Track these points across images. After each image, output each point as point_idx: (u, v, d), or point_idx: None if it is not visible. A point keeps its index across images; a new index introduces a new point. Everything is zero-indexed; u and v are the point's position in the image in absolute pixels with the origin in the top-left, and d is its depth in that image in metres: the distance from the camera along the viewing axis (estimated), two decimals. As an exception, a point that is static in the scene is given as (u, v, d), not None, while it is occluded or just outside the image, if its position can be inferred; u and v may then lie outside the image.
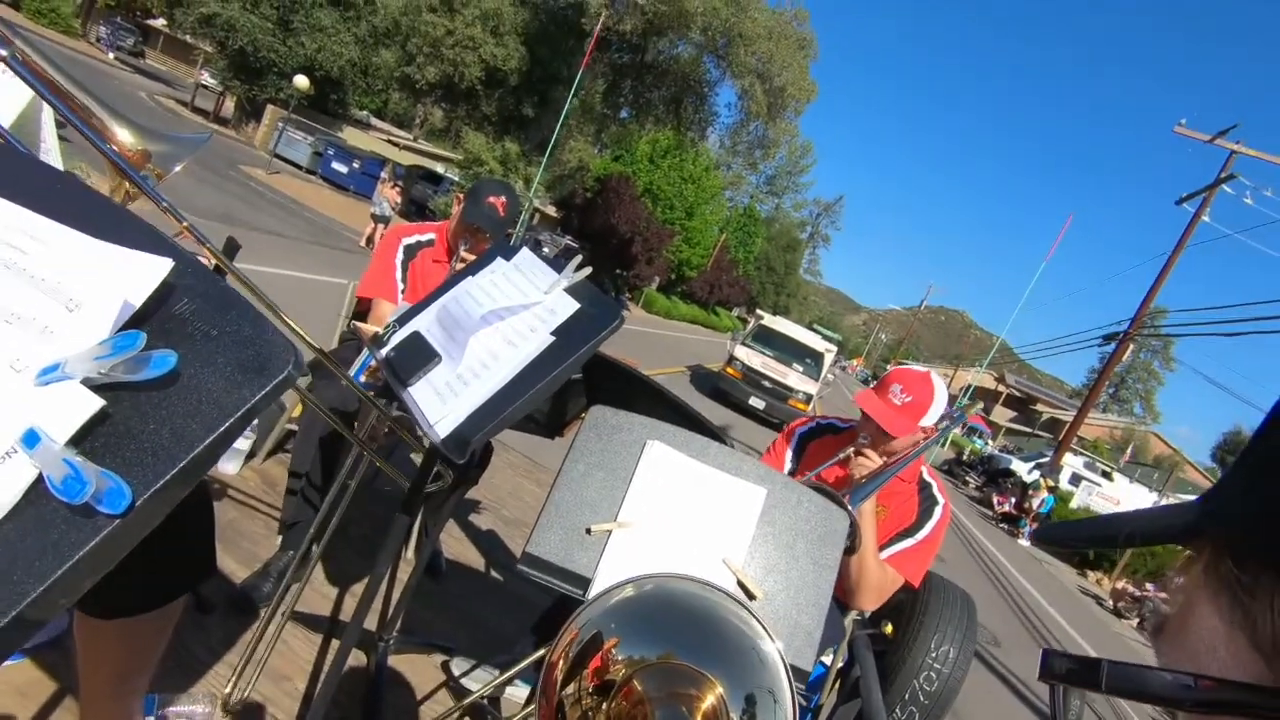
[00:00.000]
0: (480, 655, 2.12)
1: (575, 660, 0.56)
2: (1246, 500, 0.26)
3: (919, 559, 1.90)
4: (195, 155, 1.49)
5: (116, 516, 0.45)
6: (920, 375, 1.91)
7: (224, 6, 17.77)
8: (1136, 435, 44.54)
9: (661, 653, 0.58)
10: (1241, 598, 0.25)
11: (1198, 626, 0.27)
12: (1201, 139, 15.07)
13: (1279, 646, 0.23)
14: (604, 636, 0.58)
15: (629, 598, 0.61)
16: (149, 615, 1.07)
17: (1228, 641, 0.25)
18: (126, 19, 34.82)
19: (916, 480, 1.99)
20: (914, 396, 1.84)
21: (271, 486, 2.62)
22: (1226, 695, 0.24)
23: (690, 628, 0.61)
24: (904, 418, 1.82)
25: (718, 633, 0.61)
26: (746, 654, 0.60)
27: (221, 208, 9.67)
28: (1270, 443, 0.26)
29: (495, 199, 2.30)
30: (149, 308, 0.53)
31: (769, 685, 0.60)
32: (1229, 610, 0.25)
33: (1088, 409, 17.82)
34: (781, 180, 58.88)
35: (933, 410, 1.85)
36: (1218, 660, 0.25)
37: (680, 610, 0.62)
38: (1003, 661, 6.01)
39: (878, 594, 1.84)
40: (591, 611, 0.59)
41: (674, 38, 18.07)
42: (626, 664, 0.56)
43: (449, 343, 1.26)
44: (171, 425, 0.48)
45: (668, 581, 0.64)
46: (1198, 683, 0.25)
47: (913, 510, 1.95)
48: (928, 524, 1.92)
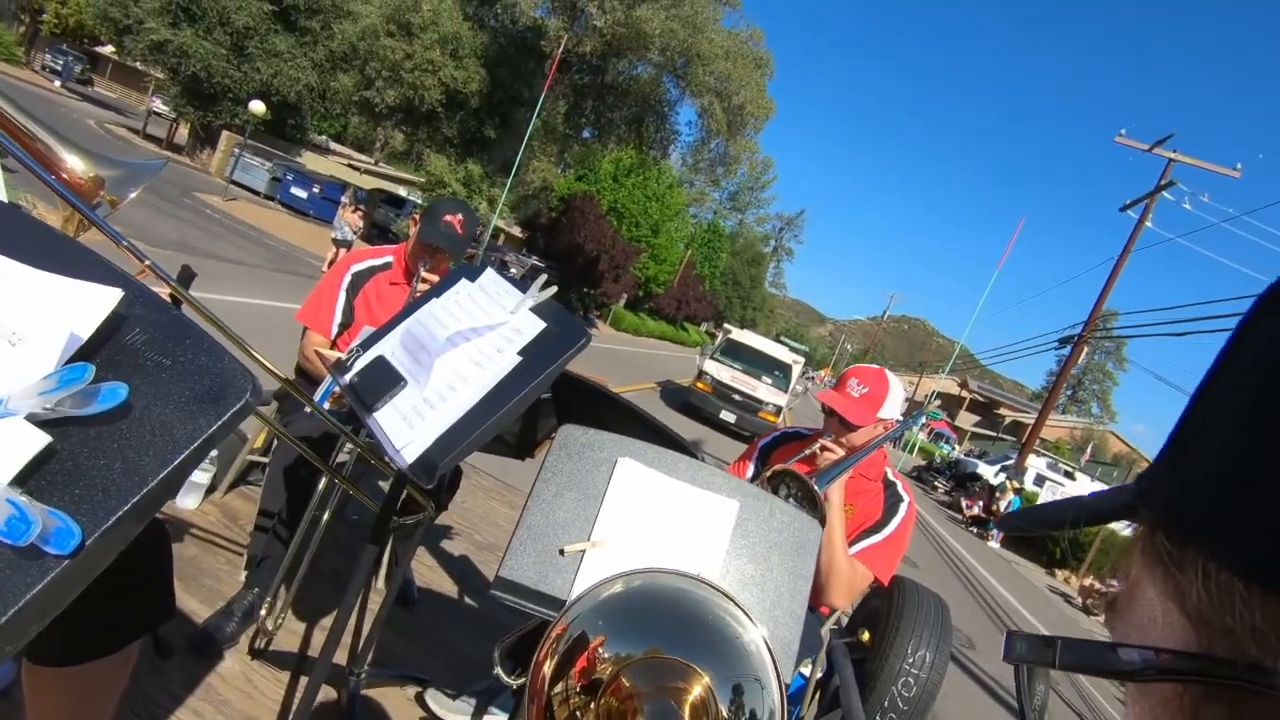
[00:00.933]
0: (456, 685, 2.07)
1: (562, 659, 0.56)
2: (1170, 480, 0.28)
3: (887, 555, 1.95)
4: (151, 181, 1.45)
5: (65, 557, 0.43)
6: (875, 370, 2.02)
7: (175, 33, 17.45)
8: (1095, 435, 45.88)
9: (648, 648, 0.58)
10: (1172, 571, 0.26)
11: (1141, 600, 0.28)
12: (1141, 148, 15.74)
13: (1203, 615, 0.24)
14: (590, 635, 0.58)
15: (616, 594, 0.61)
16: (102, 661, 1.03)
17: (1163, 613, 0.27)
18: (73, 46, 34.00)
19: (881, 479, 2.05)
20: (870, 388, 1.94)
21: (233, 521, 2.54)
22: (1163, 663, 0.25)
23: (675, 621, 0.61)
24: (863, 408, 1.92)
25: (702, 625, 0.61)
26: (731, 644, 0.61)
27: (177, 236, 9.44)
28: (1188, 426, 0.28)
29: (452, 217, 2.29)
30: (98, 339, 0.51)
31: (755, 673, 0.60)
32: (1163, 583, 0.27)
33: (1048, 411, 18.31)
34: (744, 196, 59.75)
35: (889, 402, 1.95)
36: (1157, 630, 0.27)
37: (664, 605, 0.62)
38: (977, 663, 6.08)
39: (847, 590, 1.88)
40: (579, 609, 0.59)
41: (633, 59, 18.29)
42: (613, 661, 0.56)
43: (414, 366, 1.25)
44: (123, 460, 0.47)
45: (651, 577, 0.64)
46: (1139, 654, 0.26)
47: (878, 508, 2.01)
48: (894, 520, 1.98)
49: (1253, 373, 0.25)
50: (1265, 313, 0.26)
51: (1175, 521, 0.27)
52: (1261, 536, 0.23)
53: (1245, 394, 0.25)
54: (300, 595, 2.27)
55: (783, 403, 12.86)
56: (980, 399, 52.16)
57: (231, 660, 1.88)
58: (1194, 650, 0.25)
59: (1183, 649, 0.25)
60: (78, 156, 1.32)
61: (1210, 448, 0.26)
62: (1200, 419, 0.27)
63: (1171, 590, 0.26)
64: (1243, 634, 0.23)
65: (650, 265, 34.06)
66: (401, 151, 22.52)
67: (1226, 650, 0.24)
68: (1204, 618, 0.25)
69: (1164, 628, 0.26)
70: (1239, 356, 0.26)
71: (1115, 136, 16.05)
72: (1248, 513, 0.23)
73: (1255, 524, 0.23)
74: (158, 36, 17.37)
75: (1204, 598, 0.24)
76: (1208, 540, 0.25)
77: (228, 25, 17.83)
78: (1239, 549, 0.23)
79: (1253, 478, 0.24)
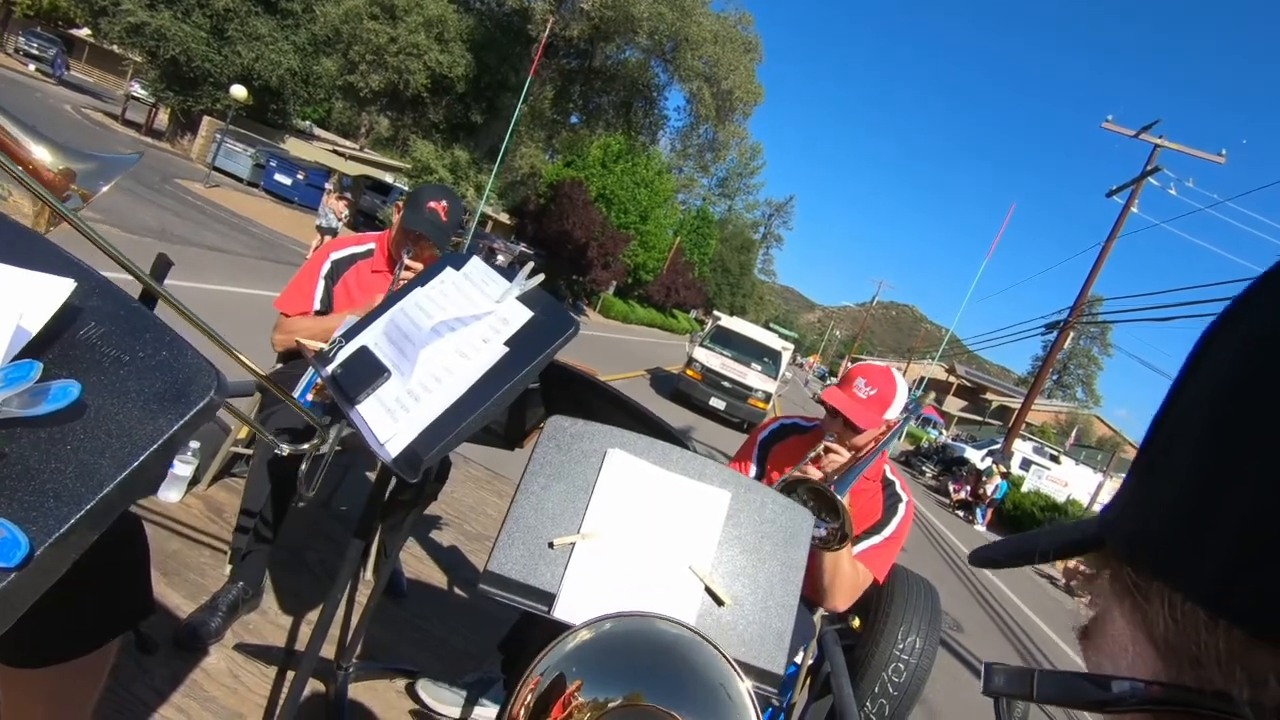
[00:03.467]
0: (448, 677, 2.05)
1: (537, 707, 0.53)
2: (1134, 511, 0.28)
3: (885, 556, 1.92)
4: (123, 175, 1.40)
5: (11, 570, 0.40)
6: (882, 369, 1.96)
7: (153, 15, 17.05)
8: (1080, 419, 46.43)
9: (628, 693, 0.55)
10: (1140, 601, 0.26)
11: (1111, 629, 0.29)
12: (1127, 134, 15.81)
13: (1170, 644, 0.25)
14: (566, 680, 0.55)
15: (588, 640, 0.58)
16: (78, 661, 1.00)
17: (1133, 641, 0.27)
18: (47, 29, 33.18)
19: (880, 478, 2.01)
20: (878, 390, 1.89)
21: (217, 514, 2.50)
22: (1136, 693, 0.26)
23: (656, 666, 0.59)
24: (870, 411, 1.86)
25: (685, 671, 0.59)
26: (715, 692, 0.58)
27: (157, 223, 9.28)
28: (1148, 455, 0.28)
29: (436, 203, 2.24)
30: (48, 333, 0.48)
31: None
32: (1131, 613, 0.27)
33: (1034, 395, 18.48)
34: (733, 182, 59.60)
35: (896, 403, 1.90)
36: (1127, 660, 0.27)
37: (645, 648, 0.60)
38: (966, 646, 6.16)
39: (850, 593, 1.86)
40: (551, 657, 0.56)
41: (621, 42, 18.09)
42: (591, 707, 0.54)
43: (398, 357, 1.22)
44: (77, 463, 0.44)
45: (632, 620, 0.62)
46: (1113, 685, 0.26)
47: (878, 508, 1.97)
48: (893, 520, 1.95)
49: (1204, 403, 0.25)
50: (1211, 344, 0.26)
51: (1139, 552, 0.27)
52: (1220, 566, 0.23)
53: (1198, 425, 0.25)
54: (286, 588, 2.24)
55: (772, 389, 12.89)
56: (967, 384, 52.60)
57: (217, 656, 1.85)
58: (1163, 679, 0.25)
59: (1152, 679, 0.26)
60: (46, 148, 1.27)
61: (1168, 478, 0.26)
62: (1159, 449, 0.28)
63: (1139, 620, 0.27)
64: (1208, 662, 0.23)
65: (639, 252, 33.94)
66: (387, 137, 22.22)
67: (1194, 679, 0.24)
68: (1171, 646, 0.25)
69: (1134, 657, 0.27)
70: (1191, 388, 0.27)
71: (1102, 122, 16.11)
72: (1205, 543, 0.24)
73: (1213, 554, 0.23)
74: (134, 18, 16.97)
75: (1170, 627, 0.25)
76: (1170, 571, 0.25)
77: (207, 7, 17.46)
78: (1199, 579, 0.24)
79: (1208, 507, 0.24)
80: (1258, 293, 0.25)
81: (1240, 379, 0.24)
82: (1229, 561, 0.23)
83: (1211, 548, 0.23)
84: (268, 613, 2.12)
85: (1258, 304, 0.25)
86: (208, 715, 1.66)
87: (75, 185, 1.31)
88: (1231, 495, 0.23)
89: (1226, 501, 0.23)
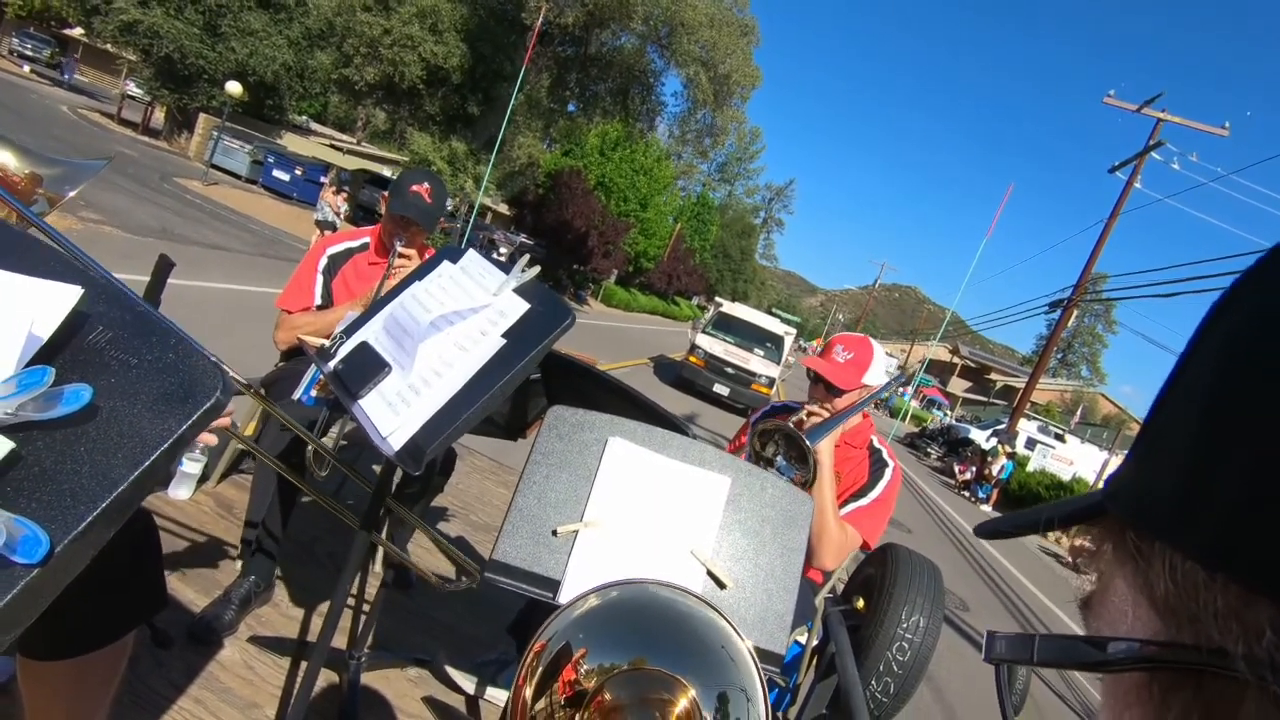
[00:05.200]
0: (458, 664, 2.09)
1: (544, 675, 0.55)
2: (1137, 479, 0.29)
3: (874, 518, 2.01)
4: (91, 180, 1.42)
5: (34, 566, 0.42)
6: (859, 337, 2.08)
7: (145, 13, 16.96)
8: (1085, 397, 46.34)
9: (632, 659, 0.57)
10: (1141, 565, 0.27)
11: (1113, 595, 0.30)
12: (1129, 109, 15.65)
13: (1170, 605, 0.26)
14: (573, 647, 0.57)
15: (594, 607, 0.60)
16: (96, 654, 1.03)
17: (1134, 605, 0.28)
18: (40, 29, 33.04)
19: (867, 446, 2.12)
20: (855, 354, 2.01)
21: (227, 510, 2.54)
22: (1133, 653, 0.27)
23: (659, 632, 0.61)
24: (848, 372, 1.98)
25: (687, 635, 0.61)
26: (717, 653, 0.60)
27: (158, 223, 9.29)
28: (1153, 425, 0.29)
29: (419, 187, 2.27)
30: (59, 339, 0.50)
31: (741, 684, 0.60)
32: (1133, 577, 0.28)
33: (1038, 375, 18.44)
34: (732, 167, 59.28)
35: (873, 367, 2.01)
36: (1128, 624, 0.28)
37: (648, 615, 0.62)
38: (971, 625, 6.20)
39: (837, 552, 1.94)
40: (558, 624, 0.58)
41: (616, 29, 17.93)
42: (597, 673, 0.56)
43: (398, 352, 1.23)
44: (91, 463, 0.45)
45: (633, 587, 0.63)
46: (1110, 646, 0.27)
47: (864, 473, 2.08)
48: (879, 483, 2.05)
49: (1208, 369, 0.26)
50: (1224, 311, 0.27)
51: (1141, 517, 0.28)
52: (1219, 524, 0.24)
53: (1203, 388, 0.26)
54: (297, 580, 2.28)
55: (775, 374, 12.91)
56: (971, 364, 52.49)
57: (231, 648, 1.88)
58: (1162, 639, 0.26)
59: (1151, 638, 0.26)
60: (12, 153, 1.29)
61: (1171, 444, 0.27)
62: (1164, 418, 0.29)
63: (1141, 584, 0.27)
64: (1206, 620, 0.24)
65: (640, 240, 33.83)
66: (384, 130, 22.14)
67: (1192, 637, 0.25)
68: (1171, 607, 0.26)
69: (1134, 620, 0.28)
70: (1198, 356, 0.27)
71: (1104, 97, 15.95)
72: (1205, 502, 0.24)
73: (1212, 513, 0.24)
74: (127, 17, 16.89)
75: (1170, 588, 0.25)
76: (1171, 532, 0.26)
77: (199, 3, 17.37)
78: (1199, 538, 0.24)
79: (1209, 469, 0.25)
80: (1270, 263, 0.26)
81: (1247, 345, 0.25)
82: (1228, 517, 0.23)
83: (1211, 505, 0.24)
84: (279, 605, 2.16)
85: (1269, 274, 0.26)
86: (224, 706, 1.69)
87: (42, 189, 1.33)
88: (1232, 453, 0.24)
89: (1227, 459, 0.24)
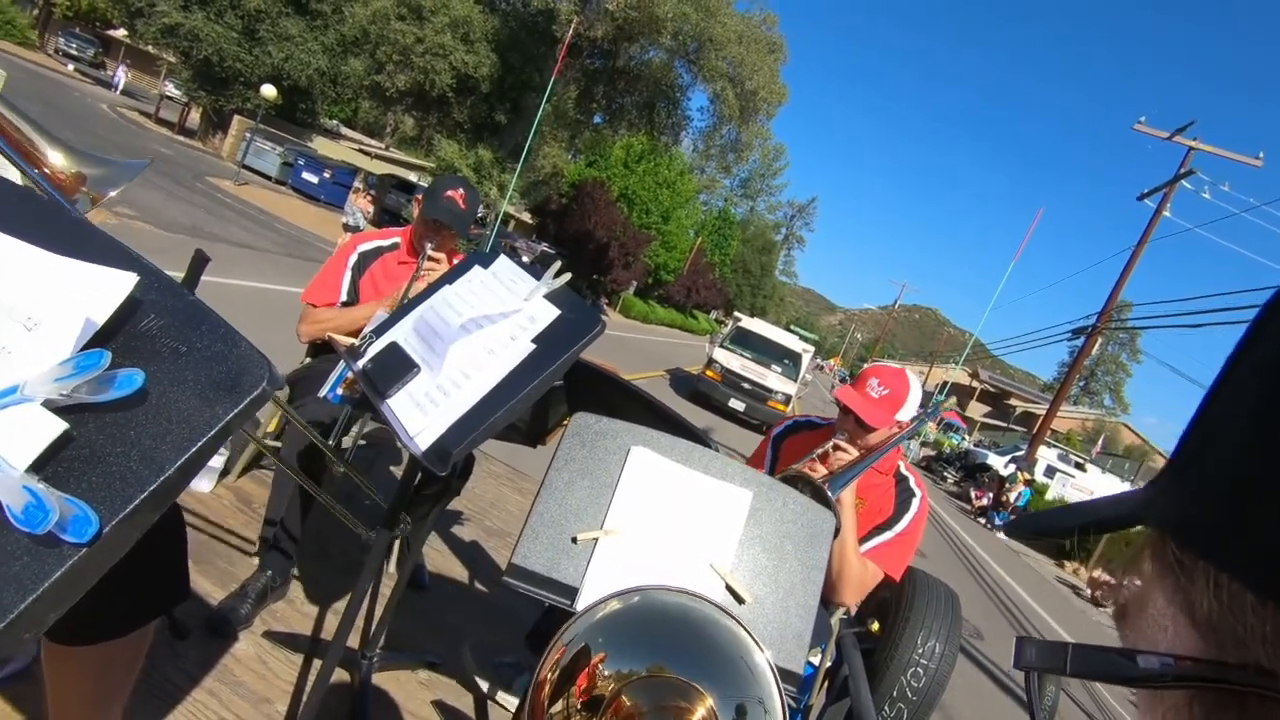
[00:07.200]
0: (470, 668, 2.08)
1: (563, 677, 0.55)
2: (1179, 490, 0.28)
3: (899, 552, 1.92)
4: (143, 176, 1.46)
5: (83, 545, 0.43)
6: (896, 370, 1.96)
7: (187, 16, 17.42)
8: (1107, 426, 45.48)
9: (651, 665, 0.57)
10: (1183, 580, 0.26)
11: (1151, 608, 0.29)
12: (1160, 136, 15.47)
13: (1213, 624, 0.25)
14: (592, 651, 0.57)
15: (616, 611, 0.59)
16: (119, 641, 1.04)
17: (1173, 621, 0.27)
18: (85, 30, 34.03)
19: (893, 473, 2.01)
20: (891, 390, 1.89)
21: (246, 504, 2.56)
22: (1176, 670, 0.26)
23: (679, 640, 0.60)
24: (882, 410, 1.87)
25: (707, 644, 0.60)
26: (736, 664, 0.60)
27: (189, 220, 9.48)
28: (1196, 435, 0.28)
29: (453, 192, 2.30)
30: (113, 325, 0.51)
31: (759, 695, 0.59)
32: (1173, 592, 0.27)
33: (1060, 402, 18.16)
34: (755, 183, 59.34)
35: (909, 404, 1.90)
36: (1166, 639, 0.27)
37: (669, 622, 0.61)
38: (985, 654, 6.08)
39: (858, 588, 1.86)
40: (578, 627, 0.58)
41: (645, 43, 18.10)
42: (615, 678, 0.55)
43: (428, 353, 1.24)
44: (140, 447, 0.46)
45: (655, 593, 0.63)
46: (1152, 660, 0.26)
47: (890, 503, 1.97)
48: (905, 516, 1.95)
49: (1255, 380, 0.25)
50: (1269, 322, 0.26)
51: (1185, 532, 0.27)
52: (1273, 547, 0.23)
53: (1249, 404, 0.25)
54: (313, 579, 2.29)
55: (792, 391, 12.83)
56: (991, 389, 51.83)
57: (246, 642, 1.90)
58: (1206, 657, 0.25)
59: (1193, 655, 0.26)
60: (60, 152, 1.33)
61: (1218, 457, 0.26)
62: (1208, 428, 0.27)
63: (1181, 600, 0.26)
64: (1253, 643, 0.23)
65: (660, 252, 33.94)
66: (412, 137, 22.45)
67: (1237, 657, 0.24)
68: (1214, 626, 0.25)
69: (1173, 636, 0.27)
70: (1243, 365, 0.27)
71: (1134, 124, 15.78)
72: (1258, 523, 0.23)
73: (1266, 535, 0.23)
74: (169, 19, 17.35)
75: (1214, 607, 0.25)
76: (1219, 551, 0.25)
77: (239, 8, 17.79)
78: (1250, 560, 0.23)
79: (1261, 488, 0.23)
80: None
81: None
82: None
83: (1263, 528, 0.23)
84: (294, 601, 2.17)
85: None
86: (237, 699, 1.70)
87: (85, 188, 1.37)
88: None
89: (1277, 483, 0.23)
